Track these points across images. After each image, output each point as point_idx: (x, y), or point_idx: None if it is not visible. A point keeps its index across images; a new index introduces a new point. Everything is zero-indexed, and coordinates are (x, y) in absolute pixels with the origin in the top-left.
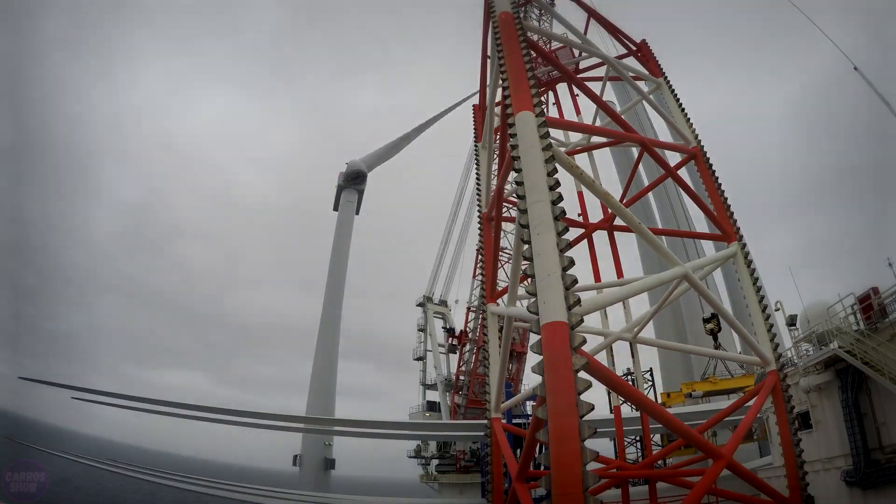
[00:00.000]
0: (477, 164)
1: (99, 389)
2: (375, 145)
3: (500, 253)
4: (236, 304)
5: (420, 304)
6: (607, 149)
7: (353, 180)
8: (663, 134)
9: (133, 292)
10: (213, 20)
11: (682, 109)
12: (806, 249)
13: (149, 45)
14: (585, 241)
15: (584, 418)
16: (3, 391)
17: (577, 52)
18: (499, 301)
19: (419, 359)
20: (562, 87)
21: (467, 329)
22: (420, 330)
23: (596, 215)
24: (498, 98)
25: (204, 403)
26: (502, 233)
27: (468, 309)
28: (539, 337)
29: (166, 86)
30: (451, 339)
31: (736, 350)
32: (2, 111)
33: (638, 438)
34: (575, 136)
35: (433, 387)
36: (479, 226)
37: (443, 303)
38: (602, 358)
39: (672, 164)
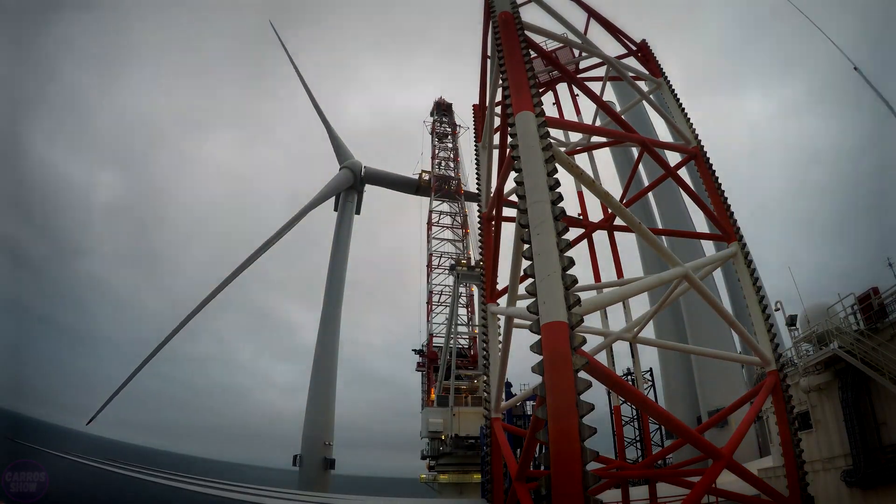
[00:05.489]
0: (477, 164)
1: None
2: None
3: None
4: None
5: None
6: (607, 149)
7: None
8: (663, 134)
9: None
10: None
11: (683, 109)
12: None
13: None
14: (585, 241)
15: (583, 418)
16: (3, 391)
17: (577, 52)
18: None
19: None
20: (562, 87)
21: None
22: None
23: (596, 215)
24: (498, 98)
25: None
26: None
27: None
28: (539, 337)
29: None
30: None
31: (736, 350)
32: None
33: (638, 438)
34: (575, 136)
35: None
36: (478, 225)
37: None
38: (602, 358)
39: (672, 164)
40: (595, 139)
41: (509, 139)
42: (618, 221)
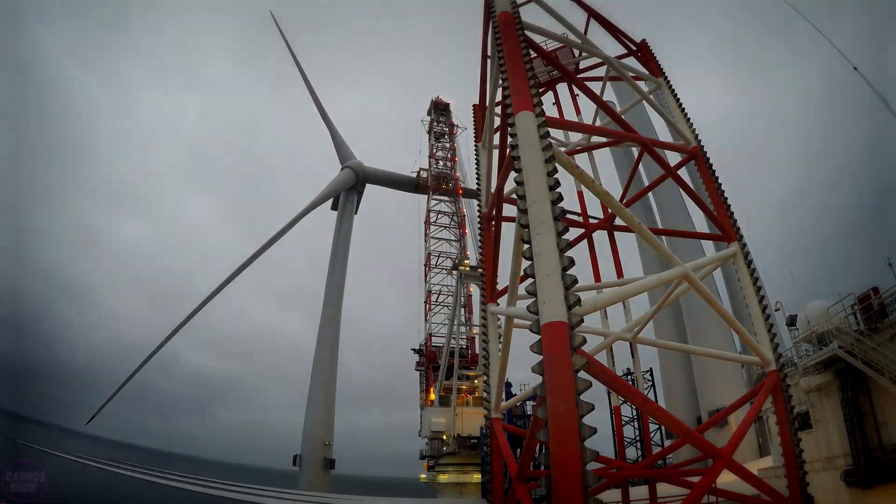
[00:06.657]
0: (477, 164)
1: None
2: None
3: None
4: None
5: None
6: (607, 149)
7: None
8: (663, 134)
9: None
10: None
11: (682, 109)
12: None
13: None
14: (585, 241)
15: (583, 418)
16: (3, 391)
17: (577, 52)
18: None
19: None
20: (562, 87)
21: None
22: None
23: (596, 215)
24: (498, 98)
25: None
26: None
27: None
28: (539, 337)
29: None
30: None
31: (736, 350)
32: None
33: (638, 438)
34: (575, 136)
35: None
36: (479, 224)
37: None
38: (602, 358)
39: (672, 163)
40: (595, 139)
41: (509, 139)
42: (618, 221)
